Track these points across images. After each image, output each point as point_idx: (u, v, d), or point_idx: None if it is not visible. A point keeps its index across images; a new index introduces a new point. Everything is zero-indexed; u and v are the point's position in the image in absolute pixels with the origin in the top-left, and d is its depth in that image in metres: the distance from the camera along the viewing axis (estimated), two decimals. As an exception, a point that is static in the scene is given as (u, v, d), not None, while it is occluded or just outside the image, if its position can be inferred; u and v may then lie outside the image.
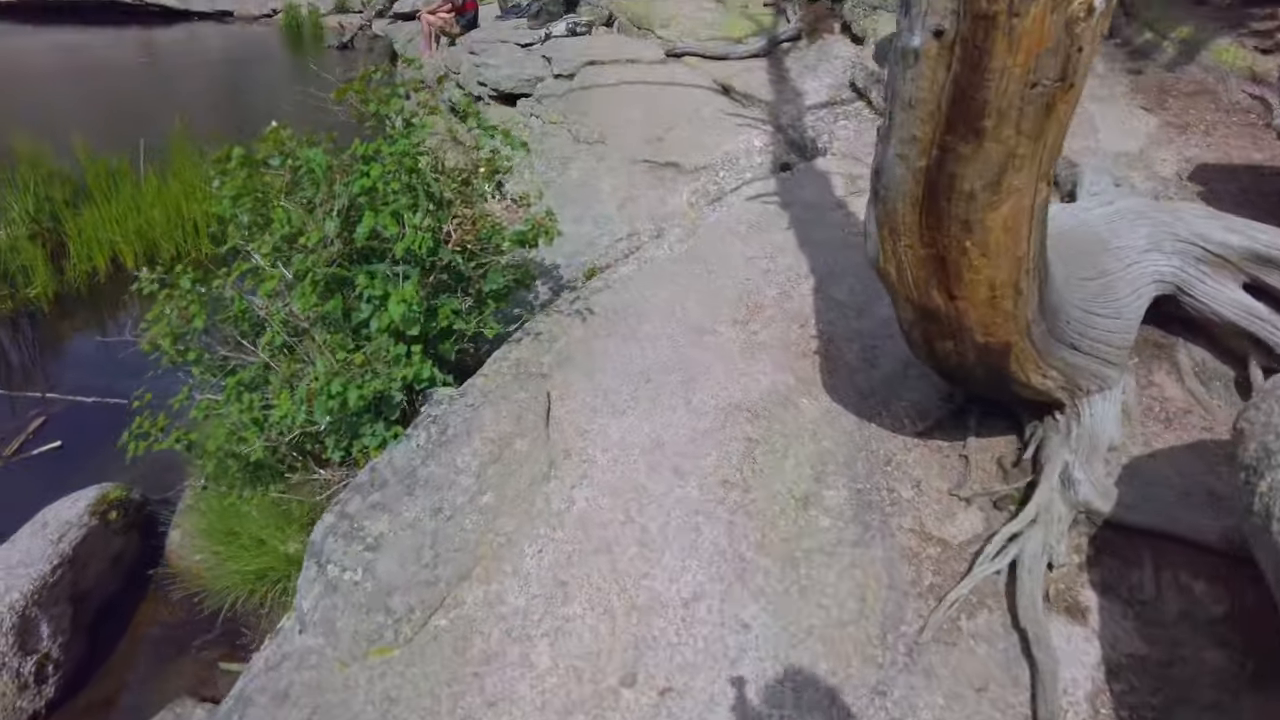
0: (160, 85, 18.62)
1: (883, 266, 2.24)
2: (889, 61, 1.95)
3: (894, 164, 1.99)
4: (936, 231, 2.01)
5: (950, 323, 2.24)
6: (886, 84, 1.99)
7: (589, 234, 5.40)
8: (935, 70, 1.76)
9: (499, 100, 8.36)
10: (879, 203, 2.12)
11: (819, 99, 6.85)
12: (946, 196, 1.93)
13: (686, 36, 8.86)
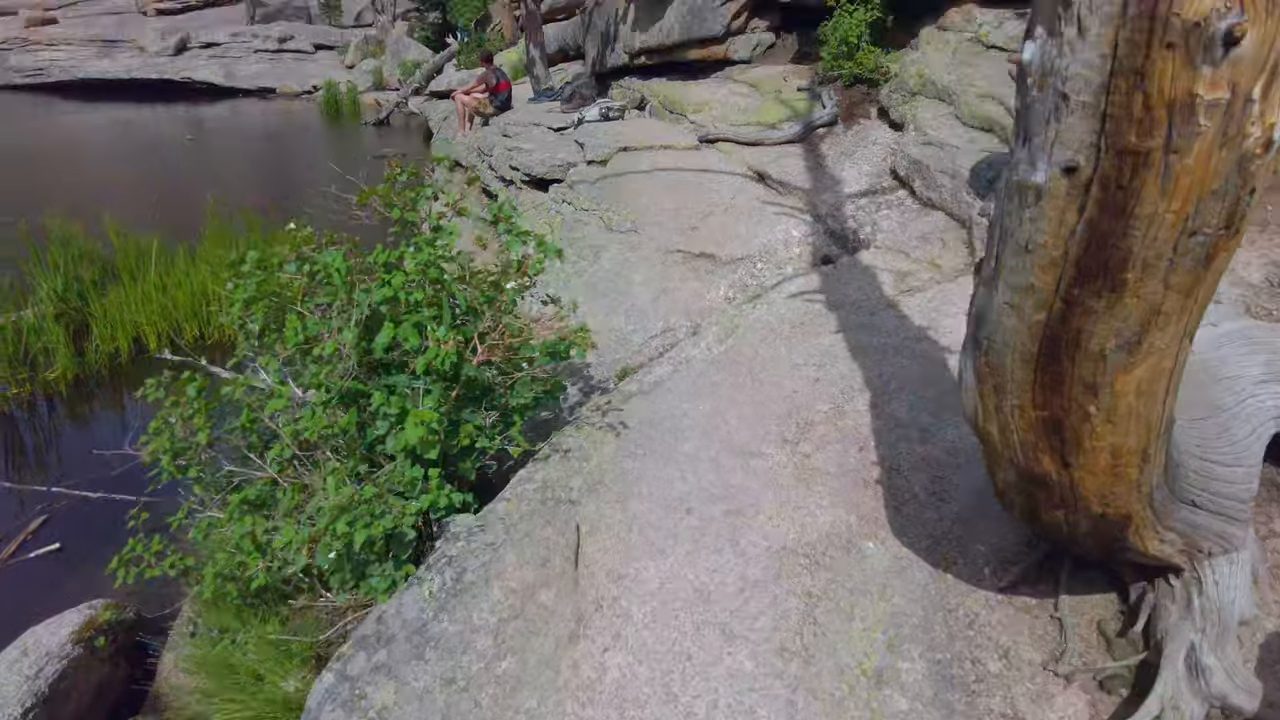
0: (203, 160, 18.97)
1: (982, 426, 1.89)
2: (996, 195, 1.64)
3: (1002, 313, 1.65)
4: (1054, 393, 1.66)
5: (1062, 492, 1.87)
6: (992, 220, 1.67)
7: (621, 329, 5.10)
8: (1063, 212, 1.43)
9: (531, 185, 8.21)
10: (980, 354, 1.78)
11: (858, 187, 6.59)
12: (1070, 355, 1.59)
13: (719, 122, 8.71)
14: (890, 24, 8.31)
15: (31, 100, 35.49)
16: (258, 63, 36.65)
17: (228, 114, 30.81)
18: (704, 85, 10.13)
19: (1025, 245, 1.52)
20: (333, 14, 39.98)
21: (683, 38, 10.69)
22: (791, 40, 10.63)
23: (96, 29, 39.56)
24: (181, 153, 20.22)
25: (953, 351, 3.80)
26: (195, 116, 30.56)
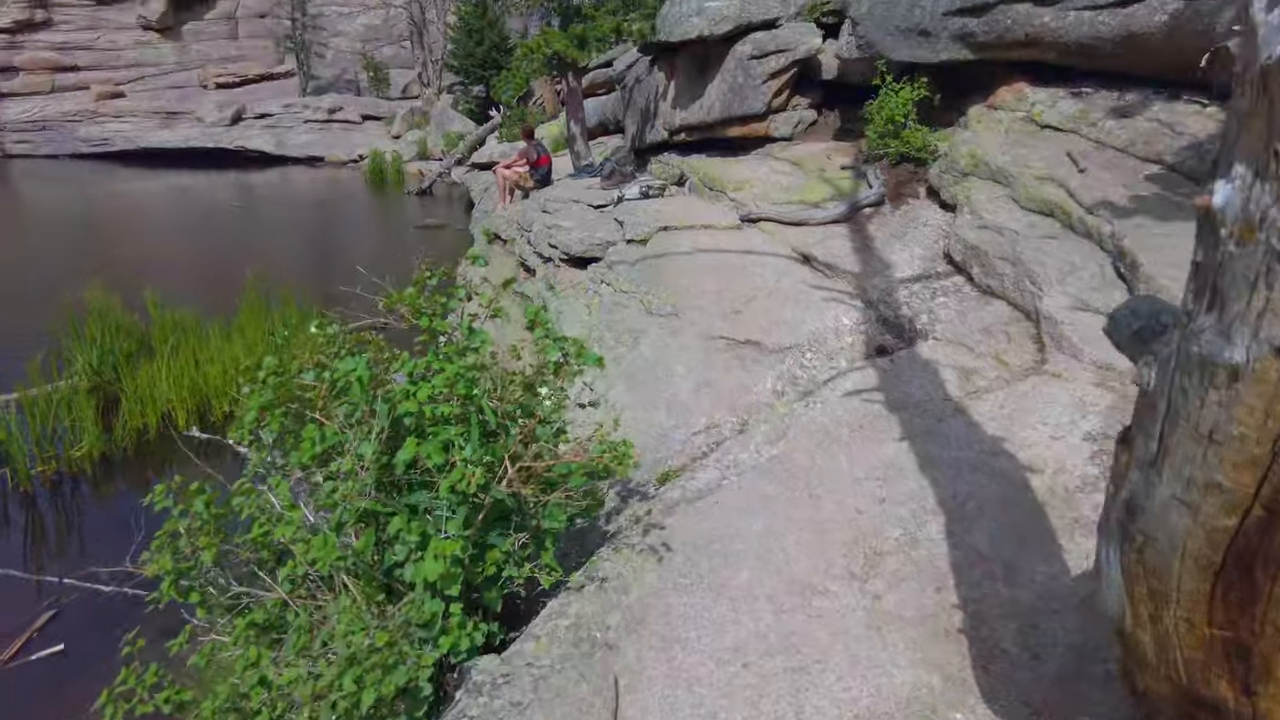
0: (250, 227, 19.27)
1: (1131, 633, 1.51)
2: (1158, 362, 1.29)
3: (1169, 509, 1.29)
4: (1241, 613, 1.28)
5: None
6: (1152, 389, 1.32)
7: (662, 424, 4.75)
8: (1273, 402, 1.08)
9: (570, 263, 8.00)
10: (1132, 549, 1.41)
11: (911, 271, 6.25)
12: (1270, 573, 1.22)
13: (761, 200, 8.49)
14: (937, 102, 8.07)
15: (95, 168, 36.80)
16: (307, 132, 37.73)
17: (277, 181, 31.59)
18: (744, 162, 9.96)
19: (1209, 434, 1.17)
20: (380, 87, 41.22)
21: (723, 115, 10.58)
22: (833, 117, 10.46)
23: (160, 101, 41.15)
24: (229, 219, 20.59)
25: (1033, 470, 3.40)
26: (247, 183, 31.37)
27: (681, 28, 10.70)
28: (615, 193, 9.16)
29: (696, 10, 10.57)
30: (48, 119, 40.50)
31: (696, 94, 11.36)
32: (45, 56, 40.99)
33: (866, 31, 8.61)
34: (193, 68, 42.84)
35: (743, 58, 10.30)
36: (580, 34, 12.07)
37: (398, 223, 19.58)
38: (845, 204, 7.58)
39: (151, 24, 42.52)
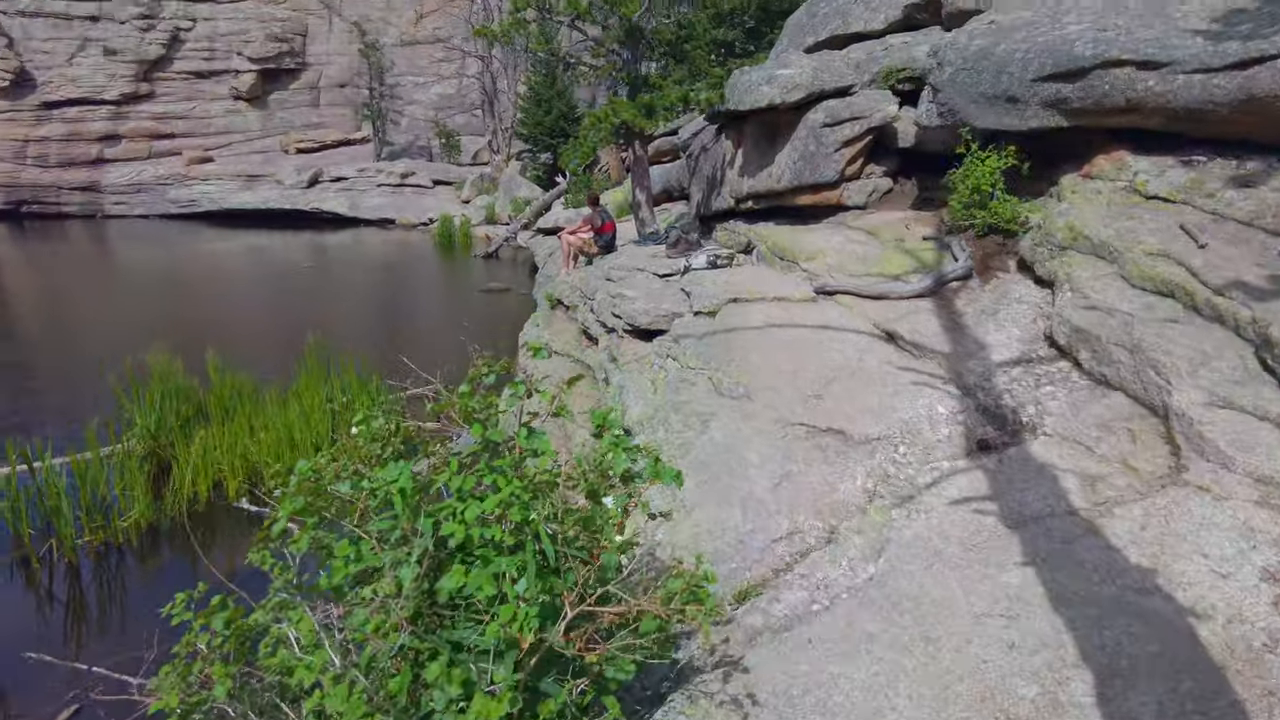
0: (319, 287, 19.53)
1: None
2: None
3: None
4: None
5: None
6: None
7: (737, 526, 4.21)
8: None
9: (634, 334, 7.59)
10: None
11: (1009, 354, 5.65)
12: None
13: (836, 272, 8.00)
14: (1026, 171, 7.54)
15: (182, 228, 38.34)
16: (380, 196, 38.78)
17: (350, 242, 32.33)
18: (817, 232, 9.51)
19: None
20: (452, 153, 42.31)
21: (794, 183, 10.19)
22: (909, 186, 9.99)
23: (244, 165, 42.95)
24: (301, 279, 20.92)
25: (1199, 617, 2.77)
26: (321, 243, 32.17)
27: (752, 96, 10.43)
28: (681, 262, 8.78)
29: (767, 79, 10.30)
30: (143, 182, 42.56)
31: (765, 162, 11.02)
32: (146, 125, 43.29)
33: (948, 99, 8.16)
34: (275, 134, 44.72)
35: (815, 125, 9.95)
36: (648, 103, 11.91)
37: (464, 286, 19.62)
38: (930, 277, 7.04)
39: (242, 94, 44.67)
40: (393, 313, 16.35)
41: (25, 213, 41.56)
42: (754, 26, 24.83)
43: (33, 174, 41.39)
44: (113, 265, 25.84)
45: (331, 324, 14.50)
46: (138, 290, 20.17)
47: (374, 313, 16.41)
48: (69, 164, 41.88)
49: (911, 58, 10.20)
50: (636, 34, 12.08)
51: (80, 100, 42.13)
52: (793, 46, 14.66)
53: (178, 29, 44.15)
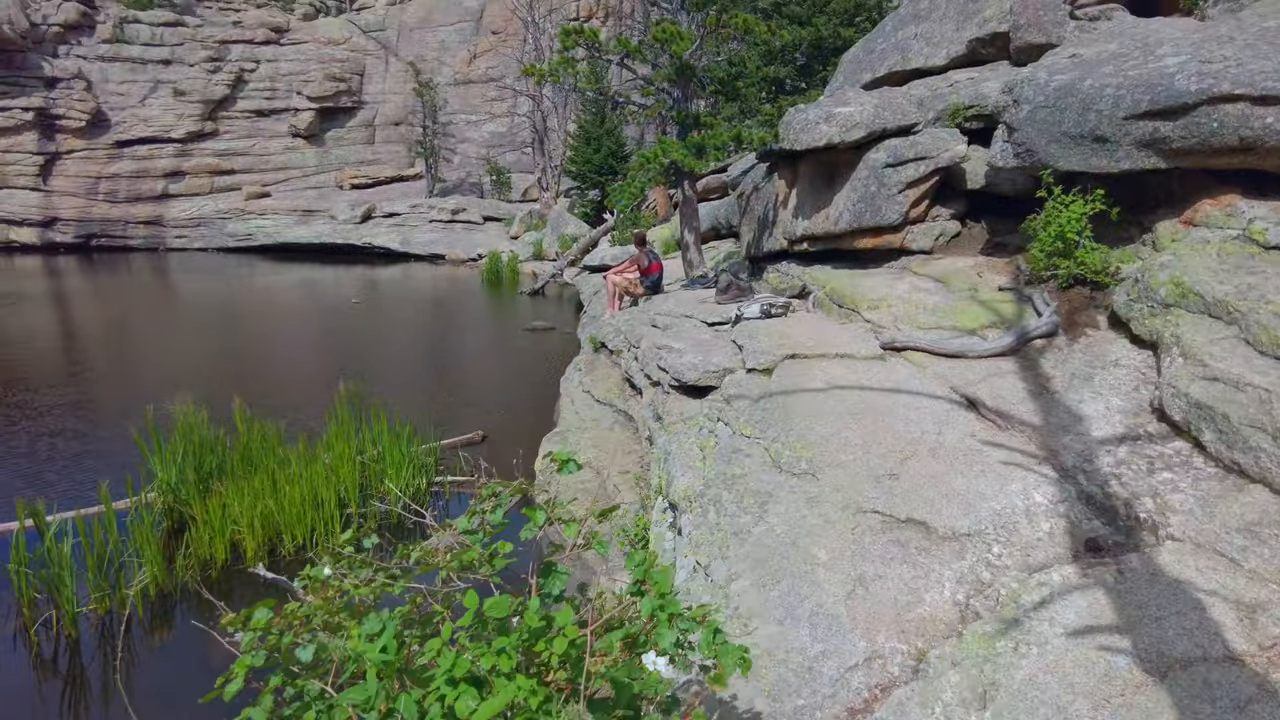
0: (364, 324, 19.30)
1: None
2: None
3: None
4: None
5: None
6: None
7: (804, 648, 3.50)
8: None
9: (680, 391, 6.95)
10: None
11: (1111, 429, 4.88)
12: None
13: (903, 323, 7.29)
14: (1115, 216, 6.79)
15: (239, 261, 38.97)
16: (431, 231, 39.00)
17: (400, 277, 32.38)
18: (879, 277, 8.81)
19: None
20: (502, 190, 42.49)
21: (852, 226, 9.53)
22: (979, 230, 9.25)
23: (300, 201, 43.70)
24: (347, 316, 20.77)
25: None
26: (372, 278, 32.28)
27: (808, 135, 9.83)
28: (732, 309, 8.14)
29: (825, 117, 9.70)
30: (204, 216, 43.56)
31: (821, 202, 10.39)
32: (209, 162, 44.44)
33: (1026, 138, 7.45)
34: (331, 170, 45.52)
35: (876, 165, 9.30)
36: (698, 143, 11.40)
37: (509, 323, 19.23)
38: (1011, 334, 6.29)
39: (300, 131, 45.65)
40: (437, 352, 15.97)
41: (94, 245, 42.80)
42: (806, 64, 24.40)
43: (103, 209, 42.67)
44: (167, 299, 26.12)
45: (374, 363, 14.15)
46: (189, 325, 20.22)
47: (418, 351, 16.06)
48: (136, 199, 43.10)
49: (980, 95, 9.52)
50: (687, 72, 11.61)
51: (150, 139, 43.47)
52: (849, 83, 14.07)
53: (242, 70, 45.44)
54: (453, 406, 11.44)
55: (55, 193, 42.17)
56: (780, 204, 12.12)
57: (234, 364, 14.28)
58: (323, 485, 7.13)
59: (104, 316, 21.57)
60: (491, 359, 15.21)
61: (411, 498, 7.73)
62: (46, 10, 43.97)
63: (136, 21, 44.97)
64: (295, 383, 12.75)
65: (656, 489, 5.94)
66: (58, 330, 19.23)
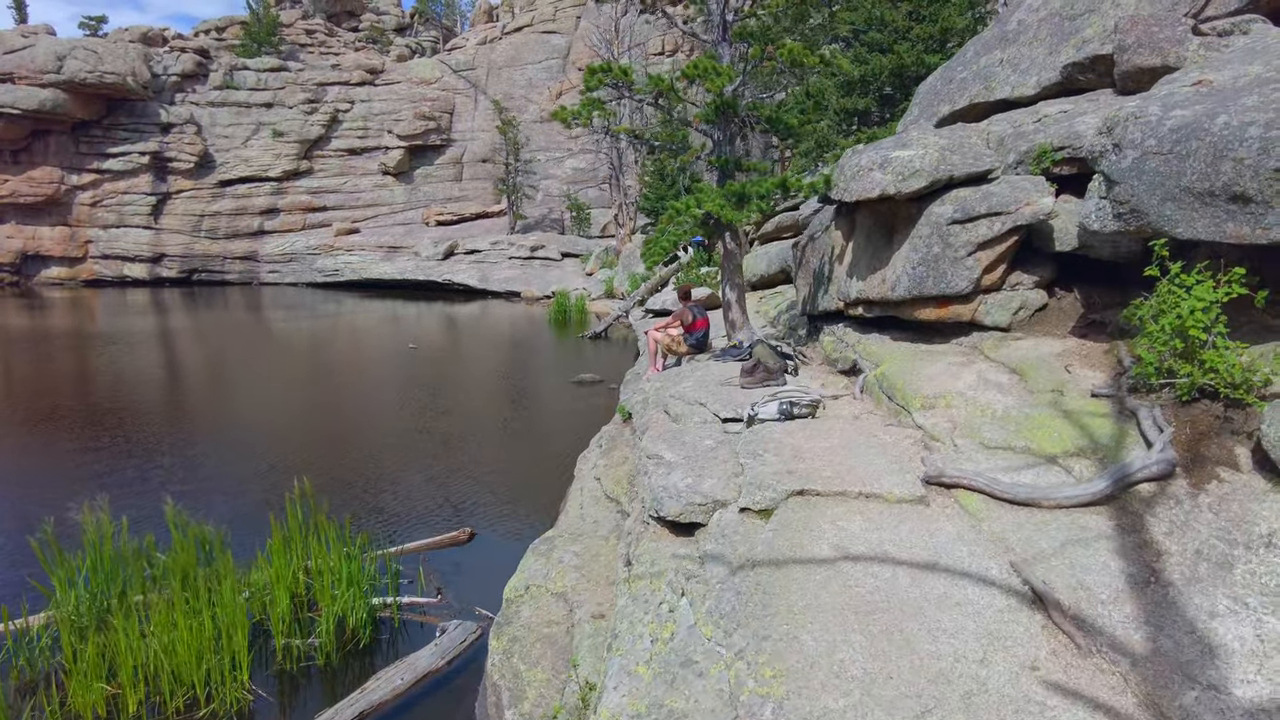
0: (410, 373, 18.29)
1: None
2: None
3: None
4: None
5: None
6: None
7: None
8: None
9: (661, 524, 5.36)
10: None
11: (1267, 689, 3.04)
12: None
13: (962, 434, 5.51)
14: (1262, 302, 4.88)
15: (325, 296, 39.48)
16: (509, 268, 38.54)
17: (472, 315, 31.83)
18: (941, 361, 7.01)
19: None
20: (582, 226, 41.79)
21: (911, 293, 7.77)
22: (1070, 302, 7.32)
23: (387, 237, 44.18)
24: (398, 364, 20.00)
25: None
26: (450, 315, 31.83)
27: (859, 184, 8.15)
28: (748, 407, 6.48)
29: (879, 162, 8.00)
30: (295, 252, 44.60)
31: (877, 262, 8.65)
32: (302, 200, 45.59)
33: (1131, 194, 5.57)
34: (419, 207, 45.95)
35: (940, 221, 7.53)
36: (739, 190, 9.83)
37: (559, 373, 17.97)
38: (1108, 474, 4.45)
39: (390, 169, 46.33)
40: (469, 411, 14.81)
41: (195, 280, 44.46)
42: (890, 94, 22.44)
43: (204, 245, 44.29)
44: (228, 339, 26.13)
45: (399, 426, 13.09)
46: (245, 369, 19.86)
47: (450, 411, 14.94)
48: (234, 236, 44.56)
49: (1074, 133, 7.62)
50: (728, 110, 10.10)
51: (249, 178, 44.99)
52: (924, 117, 12.24)
53: (337, 110, 46.59)
54: (458, 484, 10.16)
55: (164, 230, 44.05)
56: (836, 258, 10.42)
57: (249, 426, 13.47)
58: (240, 613, 5.88)
59: (197, 354, 21.53)
60: (523, 421, 13.92)
61: (353, 627, 6.40)
62: (167, 61, 46.36)
63: (245, 68, 46.84)
64: (307, 443, 11.77)
65: (581, 694, 4.38)
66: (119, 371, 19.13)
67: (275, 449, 11.81)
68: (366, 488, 10.04)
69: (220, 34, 52.24)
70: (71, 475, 10.44)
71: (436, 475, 10.55)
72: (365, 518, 8.87)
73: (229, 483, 10.15)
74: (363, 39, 56.55)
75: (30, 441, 12.34)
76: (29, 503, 9.38)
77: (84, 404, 15.04)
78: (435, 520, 8.90)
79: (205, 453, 11.52)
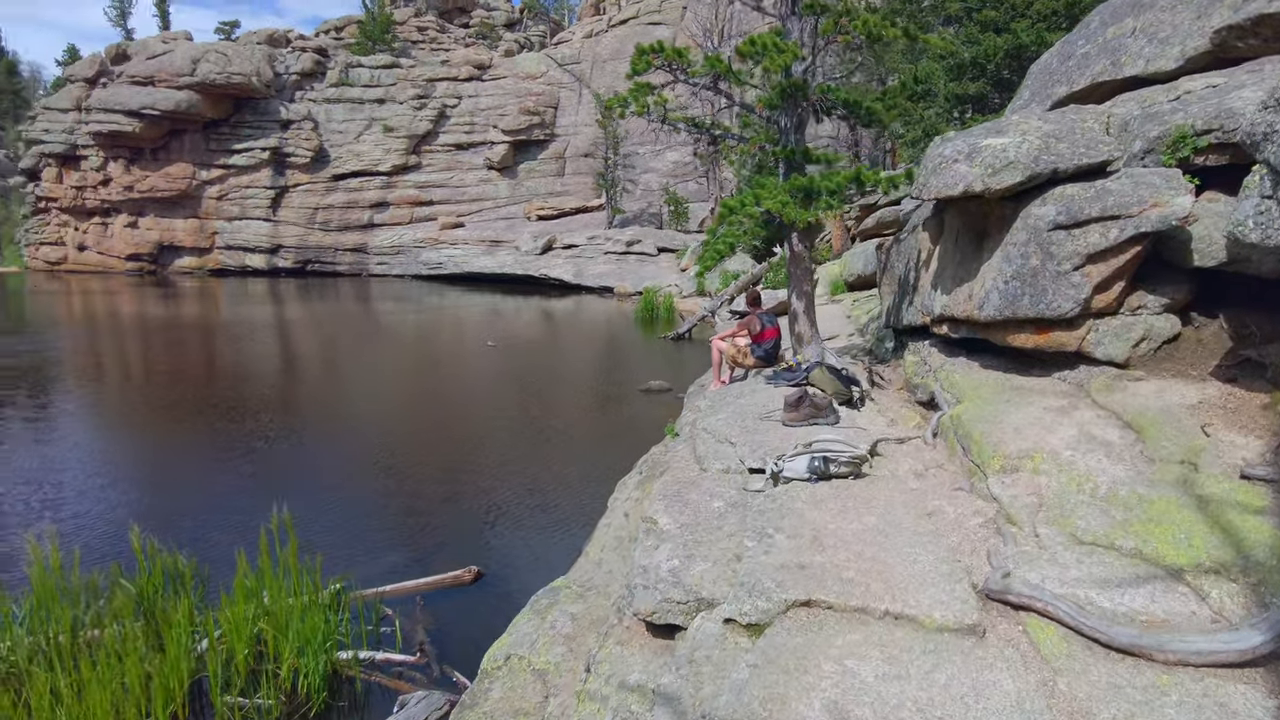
0: (481, 375, 17.65)
1: None
2: None
3: None
4: None
5: None
6: None
7: None
8: None
9: (635, 617, 4.16)
10: None
11: None
12: None
13: (1047, 514, 4.04)
14: None
15: (428, 288, 39.91)
16: (605, 263, 37.76)
17: (563, 311, 31.20)
18: (1036, 403, 5.48)
19: None
20: (680, 220, 40.58)
21: (1003, 313, 6.22)
22: (1214, 333, 5.59)
23: (489, 231, 44.29)
24: (473, 361, 19.43)
25: None
26: (545, 309, 31.36)
27: (939, 179, 6.64)
28: (770, 465, 5.12)
29: (966, 152, 6.47)
30: (402, 245, 45.39)
31: (964, 273, 7.11)
32: (410, 194, 46.33)
33: (1311, 193, 3.93)
34: (521, 201, 45.85)
35: (1040, 226, 5.95)
36: (805, 185, 8.41)
37: (631, 378, 16.88)
38: (1264, 622, 2.94)
39: (494, 164, 46.44)
40: (525, 418, 13.91)
41: (308, 270, 45.97)
42: (1007, 78, 20.11)
43: (317, 237, 45.70)
44: (348, 329, 26.34)
45: (450, 429, 12.33)
46: (345, 360, 19.78)
47: (506, 416, 14.09)
48: (345, 228, 45.76)
49: (1225, 111, 5.86)
50: (797, 93, 8.68)
51: (360, 172, 46.06)
52: (1036, 100, 10.38)
53: (445, 106, 47.07)
54: (478, 508, 9.22)
55: (281, 222, 45.73)
56: (922, 264, 8.87)
57: (325, 418, 13.01)
58: (166, 672, 5.07)
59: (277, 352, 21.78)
60: (572, 433, 12.88)
61: (306, 686, 5.50)
62: (289, 61, 48.07)
63: (360, 66, 47.98)
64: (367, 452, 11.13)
65: None
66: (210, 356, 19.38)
67: (325, 447, 11.23)
68: (371, 504, 9.24)
69: (338, 33, 53.85)
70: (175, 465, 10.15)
71: (457, 496, 9.65)
72: (358, 541, 8.05)
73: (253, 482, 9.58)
74: (472, 35, 57.08)
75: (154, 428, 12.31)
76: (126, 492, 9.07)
77: (207, 394, 15.22)
78: (442, 552, 7.97)
79: (284, 444, 11.07)
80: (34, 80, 78.78)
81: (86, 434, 12.60)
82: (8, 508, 9.04)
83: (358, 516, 8.88)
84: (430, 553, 7.97)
